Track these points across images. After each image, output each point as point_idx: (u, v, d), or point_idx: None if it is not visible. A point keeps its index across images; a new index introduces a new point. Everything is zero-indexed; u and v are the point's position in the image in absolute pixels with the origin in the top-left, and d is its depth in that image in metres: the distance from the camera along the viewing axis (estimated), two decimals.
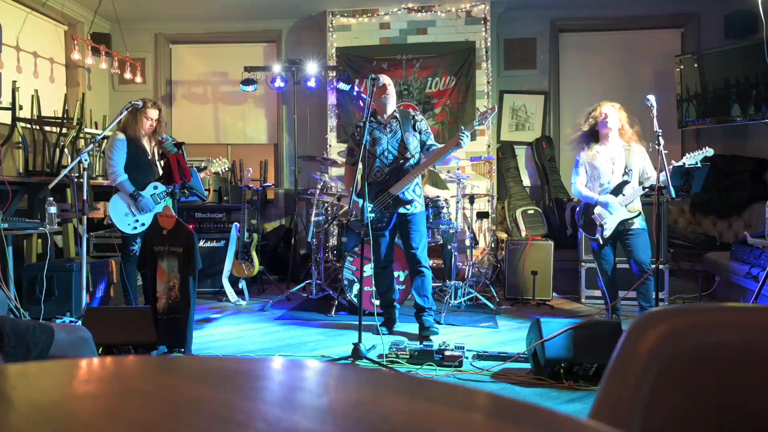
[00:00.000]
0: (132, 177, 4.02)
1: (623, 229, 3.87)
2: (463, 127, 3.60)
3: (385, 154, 3.84)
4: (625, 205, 3.83)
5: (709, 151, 3.65)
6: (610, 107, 3.91)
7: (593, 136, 3.97)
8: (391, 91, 3.87)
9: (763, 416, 0.71)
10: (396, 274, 4.23)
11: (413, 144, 3.83)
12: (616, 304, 4.03)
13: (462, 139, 3.53)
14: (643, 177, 3.89)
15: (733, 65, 5.47)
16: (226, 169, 4.78)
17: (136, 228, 3.99)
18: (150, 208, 4.00)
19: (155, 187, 4.07)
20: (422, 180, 4.03)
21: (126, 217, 4.00)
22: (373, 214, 3.79)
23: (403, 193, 3.78)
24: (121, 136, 4.04)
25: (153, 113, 4.13)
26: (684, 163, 3.62)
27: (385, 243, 3.94)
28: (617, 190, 3.86)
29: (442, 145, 3.78)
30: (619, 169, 3.89)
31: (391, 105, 3.89)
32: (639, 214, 3.85)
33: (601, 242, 3.95)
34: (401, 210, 3.81)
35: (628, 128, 3.92)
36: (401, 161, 3.82)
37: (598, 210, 3.92)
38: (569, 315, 4.58)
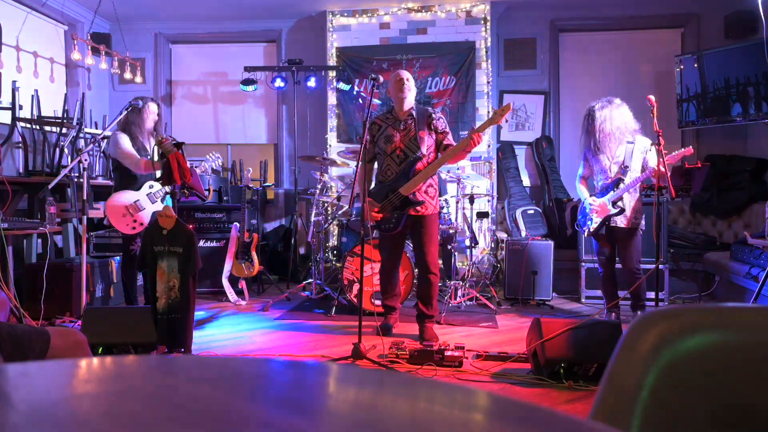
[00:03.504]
0: (133, 176, 4.01)
1: (613, 226, 3.93)
2: (474, 127, 3.53)
3: (396, 152, 3.72)
4: (613, 202, 3.88)
5: (688, 149, 3.68)
6: (606, 116, 3.90)
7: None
8: (410, 86, 3.73)
9: (764, 416, 0.71)
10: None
11: (426, 143, 3.69)
12: (616, 303, 4.06)
13: (475, 141, 3.41)
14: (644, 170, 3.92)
15: (733, 65, 5.47)
16: (220, 162, 4.78)
17: (134, 228, 3.98)
18: (142, 218, 3.97)
19: (150, 186, 4.06)
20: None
21: (124, 218, 3.99)
22: (379, 215, 3.73)
23: (414, 194, 3.67)
24: (123, 134, 4.03)
25: (154, 107, 4.14)
26: (682, 162, 3.64)
27: (393, 245, 3.86)
28: (612, 188, 3.92)
29: (455, 145, 3.62)
30: (616, 166, 3.93)
31: (409, 100, 3.75)
32: (621, 211, 3.88)
33: (586, 235, 4.10)
34: (411, 211, 3.70)
35: (627, 125, 3.93)
36: (412, 161, 3.69)
37: (590, 201, 4.01)
38: (569, 315, 4.58)
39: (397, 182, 3.70)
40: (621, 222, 3.91)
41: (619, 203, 3.89)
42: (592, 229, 4.00)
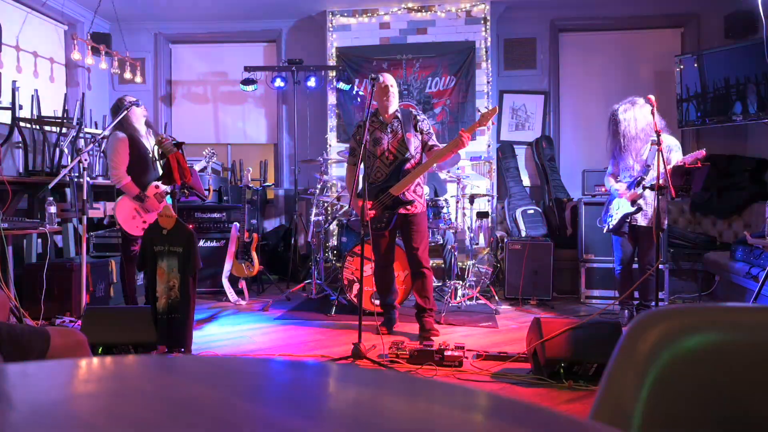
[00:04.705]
0: (134, 177, 4.01)
1: (635, 225, 3.96)
2: (462, 129, 3.59)
3: (386, 154, 3.81)
4: (632, 201, 3.91)
5: (700, 152, 3.65)
6: (630, 118, 3.93)
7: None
8: (394, 91, 3.82)
9: (764, 416, 0.71)
10: (396, 273, 4.22)
11: (414, 144, 3.79)
12: (625, 299, 4.08)
13: (464, 142, 3.51)
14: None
15: (733, 65, 5.47)
16: (215, 159, 4.79)
17: (143, 229, 3.99)
18: (157, 206, 4.00)
19: (156, 186, 4.07)
20: (423, 180, 4.00)
21: (134, 220, 4.00)
22: (372, 211, 3.77)
23: (404, 193, 3.76)
24: (122, 135, 4.01)
25: (142, 109, 4.14)
26: (684, 163, 3.64)
27: (385, 243, 3.92)
28: (634, 185, 3.95)
29: (443, 146, 3.75)
30: (640, 164, 3.95)
31: (393, 105, 3.84)
32: (639, 209, 3.90)
33: (604, 231, 4.18)
34: (402, 210, 3.79)
35: (651, 124, 3.89)
36: (401, 162, 3.78)
37: (616, 186, 4.08)
38: (569, 315, 4.58)
39: (388, 183, 3.77)
40: (642, 221, 3.94)
41: (639, 201, 3.91)
42: (611, 226, 4.04)
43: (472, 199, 5.15)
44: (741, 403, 0.72)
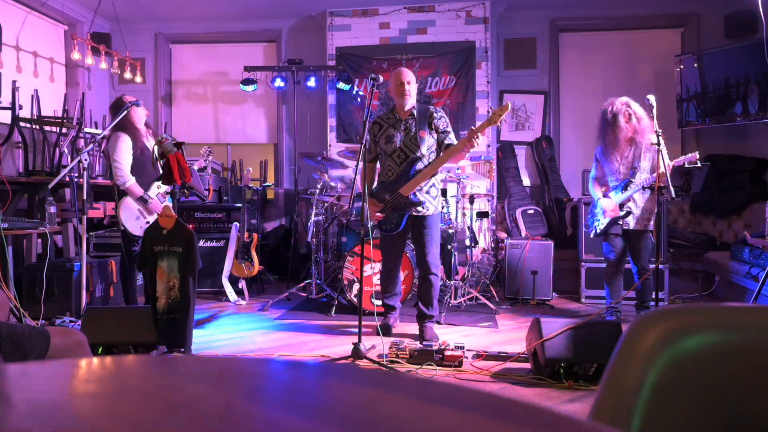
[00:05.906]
0: (135, 177, 4.00)
1: (626, 229, 3.93)
2: (473, 127, 3.53)
3: (398, 152, 3.72)
4: (620, 204, 3.88)
5: (693, 156, 3.64)
6: (619, 109, 3.90)
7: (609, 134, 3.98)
8: (410, 88, 3.70)
9: (764, 416, 0.71)
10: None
11: (427, 143, 3.67)
12: (616, 304, 4.05)
13: (473, 142, 3.44)
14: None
15: (733, 65, 5.47)
16: (211, 157, 4.79)
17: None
18: (159, 208, 3.99)
19: (158, 186, 4.07)
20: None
21: (138, 221, 3.99)
22: (382, 214, 3.73)
23: (414, 194, 3.65)
24: (125, 135, 4.00)
25: (143, 109, 4.13)
26: (684, 164, 3.64)
27: (393, 245, 3.87)
28: (622, 189, 3.92)
29: (455, 144, 3.64)
30: (625, 167, 3.91)
31: (410, 102, 3.73)
32: (629, 213, 3.87)
33: (592, 236, 4.12)
34: (413, 212, 3.69)
35: (639, 124, 3.87)
36: (411, 161, 3.68)
37: (603, 205, 4.00)
38: (569, 315, 4.58)
39: (398, 183, 3.69)
40: (632, 224, 3.91)
41: (629, 204, 3.88)
42: (599, 230, 4.01)
43: (472, 199, 5.15)
44: (741, 403, 0.72)
